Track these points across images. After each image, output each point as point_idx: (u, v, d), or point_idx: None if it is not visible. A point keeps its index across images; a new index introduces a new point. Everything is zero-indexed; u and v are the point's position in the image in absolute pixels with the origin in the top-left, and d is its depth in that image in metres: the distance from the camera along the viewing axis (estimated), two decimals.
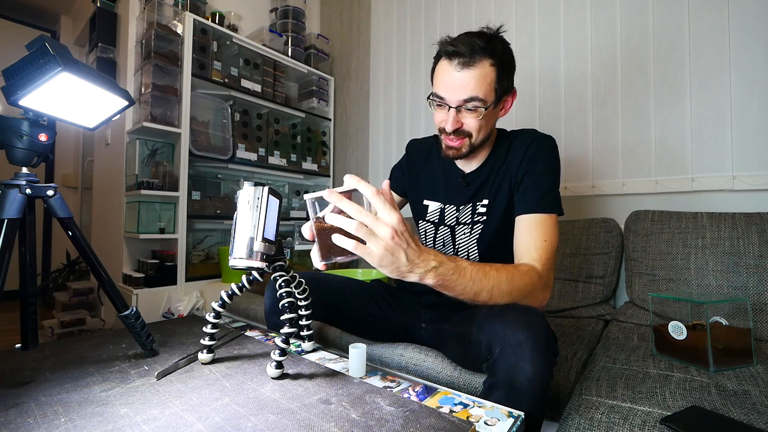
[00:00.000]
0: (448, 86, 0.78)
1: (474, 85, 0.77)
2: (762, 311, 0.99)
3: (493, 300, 0.67)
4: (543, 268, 0.73)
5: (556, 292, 1.35)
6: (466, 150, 0.83)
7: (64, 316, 1.98)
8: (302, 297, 0.81)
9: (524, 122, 1.65)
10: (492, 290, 0.66)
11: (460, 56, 0.77)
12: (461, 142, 0.82)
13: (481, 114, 0.79)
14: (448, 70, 0.78)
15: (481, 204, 0.88)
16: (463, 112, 0.80)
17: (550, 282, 0.75)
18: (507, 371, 0.62)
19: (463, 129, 0.81)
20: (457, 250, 0.92)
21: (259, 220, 0.65)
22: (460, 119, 0.80)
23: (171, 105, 1.73)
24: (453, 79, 0.78)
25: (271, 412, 0.55)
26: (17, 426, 0.51)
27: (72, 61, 0.60)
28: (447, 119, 0.80)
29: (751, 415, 0.60)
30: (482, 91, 0.77)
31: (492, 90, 0.79)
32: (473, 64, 0.77)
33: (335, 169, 2.51)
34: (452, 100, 0.78)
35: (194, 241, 1.97)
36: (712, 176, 1.25)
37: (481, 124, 0.81)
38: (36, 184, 0.66)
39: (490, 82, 0.78)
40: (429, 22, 2.02)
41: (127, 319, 0.75)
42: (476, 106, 0.78)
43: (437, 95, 0.80)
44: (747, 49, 1.20)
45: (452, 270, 0.63)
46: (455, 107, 0.79)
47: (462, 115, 0.80)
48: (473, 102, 0.78)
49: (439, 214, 0.94)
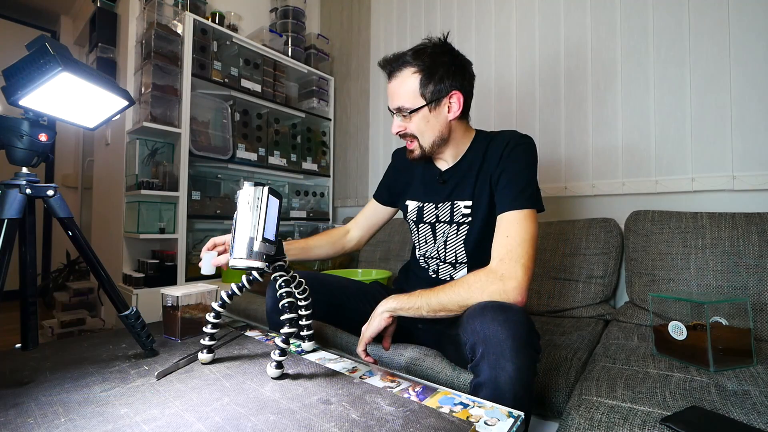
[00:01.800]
0: (388, 96, 0.90)
1: (398, 93, 0.87)
2: (762, 311, 0.99)
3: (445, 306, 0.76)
4: (497, 263, 0.77)
5: (556, 292, 1.35)
6: (419, 151, 0.91)
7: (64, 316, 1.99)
8: (302, 297, 0.81)
9: (524, 122, 1.65)
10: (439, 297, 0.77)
11: (386, 69, 0.89)
12: (413, 144, 0.91)
13: (410, 119, 0.87)
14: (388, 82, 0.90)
15: (464, 205, 0.91)
16: (402, 117, 0.89)
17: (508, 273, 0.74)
18: (489, 371, 0.63)
19: (407, 132, 0.89)
20: (446, 249, 0.95)
21: (259, 220, 0.65)
22: (402, 123, 0.89)
23: (171, 105, 1.73)
24: (389, 90, 0.90)
25: (271, 412, 0.55)
26: (17, 426, 0.51)
27: (72, 61, 0.60)
28: (394, 123, 0.90)
29: (751, 415, 0.60)
30: (405, 99, 0.86)
31: (416, 96, 0.86)
32: (395, 74, 0.87)
33: (335, 169, 2.51)
34: (391, 108, 0.90)
35: (194, 241, 1.97)
36: (712, 176, 1.25)
37: (420, 126, 0.88)
38: (36, 184, 0.66)
39: (413, 89, 0.86)
40: (429, 22, 2.02)
41: (127, 319, 0.75)
42: (404, 113, 0.87)
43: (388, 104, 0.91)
44: (747, 49, 1.20)
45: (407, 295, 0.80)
46: (393, 112, 0.89)
47: (401, 120, 0.89)
48: (400, 111, 0.88)
49: (417, 212, 1.00)
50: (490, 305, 0.69)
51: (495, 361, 0.62)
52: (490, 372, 0.63)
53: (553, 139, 1.57)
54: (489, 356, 0.63)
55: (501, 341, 0.63)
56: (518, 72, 1.69)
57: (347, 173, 2.45)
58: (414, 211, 1.00)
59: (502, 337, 0.63)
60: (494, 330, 0.64)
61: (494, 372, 0.62)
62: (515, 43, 1.70)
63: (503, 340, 0.62)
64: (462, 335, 0.70)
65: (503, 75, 1.73)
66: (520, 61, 1.68)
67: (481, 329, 0.65)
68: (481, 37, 1.81)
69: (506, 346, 0.62)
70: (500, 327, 0.63)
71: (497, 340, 0.63)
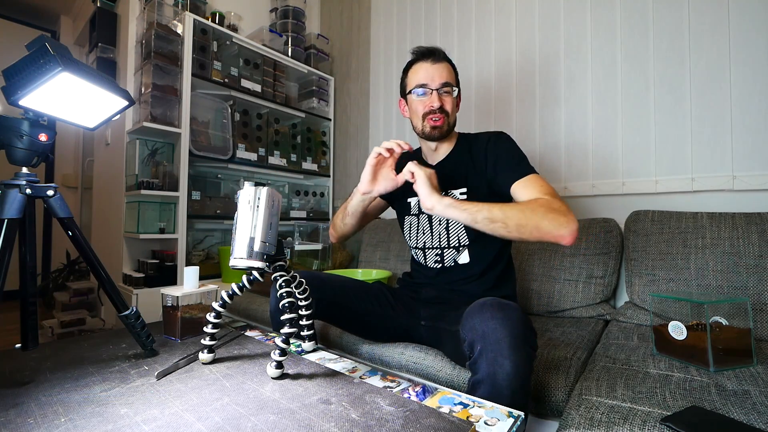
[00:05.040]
0: (428, 76, 0.99)
1: (446, 73, 1.00)
2: (762, 311, 0.99)
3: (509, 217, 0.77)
4: (551, 199, 0.80)
5: (556, 292, 1.35)
6: (446, 127, 1.01)
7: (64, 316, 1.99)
8: (302, 297, 0.81)
9: (524, 121, 1.65)
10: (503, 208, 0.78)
11: (433, 55, 1.01)
12: (443, 120, 1.00)
13: (455, 93, 1.01)
14: (425, 66, 1.00)
15: (459, 192, 1.00)
16: (442, 95, 0.99)
17: (565, 209, 0.78)
18: (487, 368, 0.64)
19: (444, 107, 1.00)
20: (449, 234, 1.00)
21: (259, 220, 0.65)
22: (441, 99, 0.99)
23: (171, 105, 1.73)
24: (432, 71, 1.00)
25: (271, 412, 0.55)
26: (17, 426, 0.51)
27: (72, 61, 0.60)
28: (433, 99, 0.99)
29: (751, 415, 0.60)
30: (452, 79, 1.01)
31: (455, 80, 1.03)
32: (441, 60, 1.01)
33: (335, 169, 2.51)
34: (434, 84, 0.99)
35: (194, 241, 1.97)
36: (712, 176, 1.25)
37: (453, 104, 1.02)
38: (36, 184, 0.66)
39: (453, 74, 1.03)
40: (429, 22, 2.02)
41: (127, 319, 0.75)
42: (450, 89, 1.00)
43: (419, 84, 1.00)
44: (747, 49, 1.20)
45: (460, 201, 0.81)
46: (436, 89, 0.98)
47: (442, 97, 0.99)
48: (448, 86, 1.00)
49: (418, 205, 1.06)
50: (488, 302, 0.70)
51: (493, 359, 0.63)
52: (488, 369, 0.63)
53: (553, 139, 1.57)
54: (487, 353, 0.64)
55: (499, 339, 0.63)
56: (518, 72, 1.69)
57: (347, 173, 2.45)
58: (416, 205, 1.07)
59: (500, 334, 0.63)
60: (492, 327, 0.64)
61: (492, 369, 0.63)
62: (515, 43, 1.70)
63: (501, 338, 0.63)
64: (461, 332, 0.71)
65: (503, 75, 1.73)
66: (520, 60, 1.68)
67: (480, 326, 0.66)
68: (481, 37, 1.81)
69: (504, 343, 0.63)
70: (498, 324, 0.64)
71: (495, 337, 0.64)
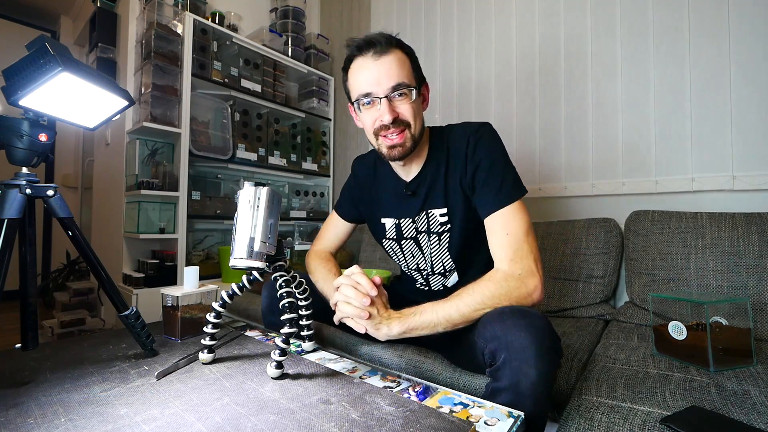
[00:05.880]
0: (371, 79, 0.76)
1: (397, 70, 0.76)
2: (762, 311, 0.99)
3: (468, 317, 0.70)
4: (509, 264, 0.72)
5: (556, 292, 1.35)
6: (410, 143, 0.80)
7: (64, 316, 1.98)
8: (302, 297, 0.81)
9: (524, 121, 1.65)
10: (460, 309, 0.70)
11: (374, 46, 0.76)
12: (403, 136, 0.79)
13: (412, 98, 0.78)
14: (366, 64, 0.77)
15: (439, 213, 0.86)
16: (395, 101, 0.77)
17: (525, 273, 0.71)
18: (512, 377, 0.61)
19: (400, 119, 0.78)
20: (433, 260, 0.91)
21: (259, 220, 0.65)
22: (394, 108, 0.77)
23: (171, 105, 1.73)
24: (375, 70, 0.76)
25: (271, 412, 0.55)
26: (17, 426, 0.51)
27: (72, 61, 0.60)
28: (382, 111, 0.77)
29: (751, 415, 0.60)
30: (405, 76, 0.77)
31: (413, 76, 0.79)
32: (388, 51, 0.76)
33: (335, 169, 2.51)
34: (381, 91, 0.76)
35: (194, 241, 1.97)
36: (712, 176, 1.25)
37: (415, 111, 0.79)
38: (36, 184, 0.66)
39: (409, 67, 0.78)
40: (429, 22, 2.02)
41: (127, 319, 0.75)
42: (405, 92, 0.77)
43: (362, 94, 0.78)
44: (747, 49, 1.20)
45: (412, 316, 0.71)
46: (385, 96, 0.76)
47: (394, 105, 0.77)
48: (401, 88, 0.76)
49: (395, 229, 0.93)
50: (508, 310, 0.67)
51: (518, 367, 0.60)
52: (512, 378, 0.61)
53: (553, 139, 1.57)
54: (511, 362, 0.61)
55: (524, 347, 0.60)
56: (518, 72, 1.69)
57: (347, 173, 2.44)
58: (393, 229, 0.94)
59: (525, 343, 0.61)
60: (516, 335, 0.61)
61: (516, 378, 0.60)
62: (515, 43, 1.70)
63: (527, 346, 0.60)
64: (478, 340, 0.68)
65: (503, 75, 1.73)
66: (520, 61, 1.68)
67: (503, 335, 0.63)
68: (482, 37, 1.81)
69: (530, 352, 0.60)
70: (523, 332, 0.61)
71: (520, 346, 0.61)
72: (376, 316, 0.71)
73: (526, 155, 1.65)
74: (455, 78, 1.90)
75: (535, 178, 1.62)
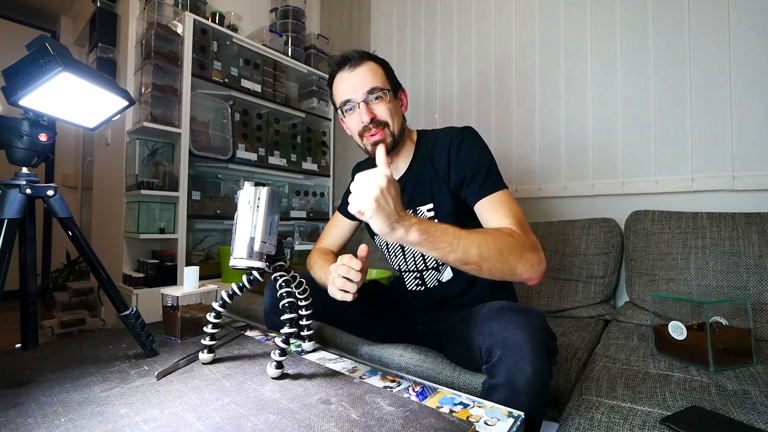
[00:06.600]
0: (349, 88, 0.86)
1: (370, 78, 0.86)
2: (762, 311, 0.99)
3: (484, 260, 0.64)
4: (521, 231, 0.71)
5: (556, 292, 1.35)
6: (390, 139, 0.87)
7: (64, 316, 1.98)
8: (302, 297, 0.81)
9: (524, 121, 1.65)
10: (481, 246, 0.64)
11: (350, 60, 0.87)
12: (383, 132, 0.86)
13: (387, 99, 0.86)
14: (344, 76, 0.87)
15: (426, 209, 0.89)
16: (371, 104, 0.86)
17: (537, 245, 0.71)
18: (507, 374, 0.62)
19: (378, 119, 0.86)
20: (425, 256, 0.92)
21: (259, 220, 0.65)
22: (371, 110, 0.85)
23: (171, 105, 1.73)
24: (352, 80, 0.86)
25: (271, 412, 0.55)
26: (17, 426, 0.51)
27: (72, 61, 0.60)
28: (361, 114, 0.85)
29: (751, 415, 0.60)
30: (378, 82, 0.86)
31: (386, 81, 0.88)
32: (361, 63, 0.87)
33: (335, 169, 2.51)
34: (358, 96, 0.85)
35: (194, 241, 1.97)
36: (712, 176, 1.25)
37: (391, 110, 0.86)
38: (36, 184, 0.66)
39: (382, 75, 0.88)
40: (429, 22, 2.02)
41: (127, 319, 0.75)
42: (380, 94, 0.86)
43: (344, 102, 0.87)
44: (747, 49, 1.20)
45: (434, 226, 0.63)
46: (363, 100, 0.85)
47: (371, 107, 0.86)
48: (376, 92, 0.85)
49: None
50: (506, 307, 0.68)
51: (513, 364, 0.62)
52: (507, 374, 0.62)
53: (553, 139, 1.57)
54: (507, 359, 0.62)
55: (520, 344, 0.62)
56: (518, 72, 1.69)
57: (347, 173, 2.44)
58: None
59: (521, 340, 0.62)
60: (512, 332, 0.63)
61: (512, 375, 0.62)
62: (515, 43, 1.70)
63: (522, 344, 0.62)
64: (476, 337, 0.69)
65: (503, 75, 1.73)
66: (520, 61, 1.68)
67: (499, 332, 0.64)
68: (481, 37, 1.81)
69: (525, 349, 0.61)
70: (519, 330, 0.63)
71: (516, 343, 0.62)
72: (393, 213, 0.58)
73: (525, 155, 1.65)
74: (455, 78, 1.90)
75: (535, 178, 1.62)
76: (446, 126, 0.94)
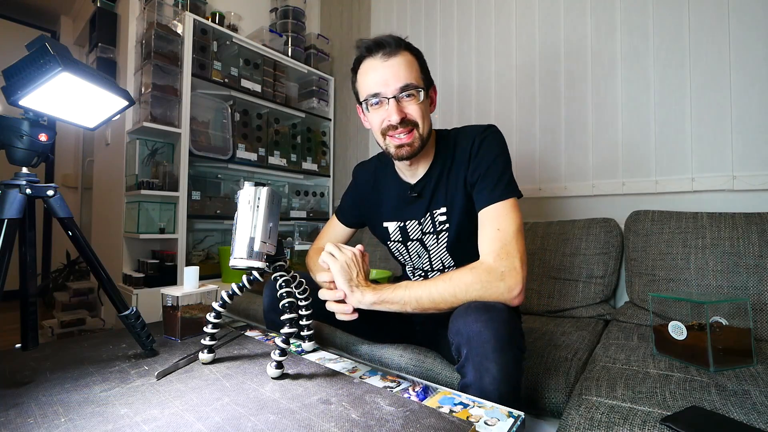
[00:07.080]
0: (380, 80, 0.78)
1: (405, 72, 0.77)
2: (762, 311, 0.99)
3: (439, 303, 0.71)
4: (494, 258, 0.71)
5: (556, 292, 1.34)
6: (418, 143, 0.81)
7: (64, 316, 1.98)
8: (302, 297, 0.81)
9: (524, 121, 1.65)
10: (432, 294, 0.70)
11: (384, 47, 0.77)
12: (412, 135, 0.80)
13: (420, 99, 0.79)
14: (374, 64, 0.78)
15: (439, 212, 0.87)
16: (403, 102, 0.78)
17: (509, 270, 0.70)
18: (474, 373, 0.62)
19: (408, 119, 0.79)
20: (432, 259, 0.92)
21: (259, 220, 0.65)
22: (402, 108, 0.78)
23: (171, 105, 1.73)
24: (384, 72, 0.77)
25: (271, 412, 0.55)
26: (17, 426, 0.51)
27: (72, 61, 0.60)
28: (390, 111, 0.78)
29: (751, 415, 0.60)
30: (414, 77, 0.78)
31: (420, 77, 0.80)
32: (397, 53, 0.78)
33: (335, 169, 2.51)
34: (389, 91, 0.77)
35: (194, 241, 1.97)
36: (712, 176, 1.25)
37: (423, 111, 0.80)
38: (36, 184, 0.66)
39: (417, 69, 0.80)
40: (429, 22, 2.02)
41: (127, 319, 0.75)
42: (413, 93, 0.78)
43: (371, 94, 0.79)
44: (747, 49, 1.20)
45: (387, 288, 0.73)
46: (393, 97, 0.77)
47: (402, 105, 0.78)
48: (409, 89, 0.77)
49: (400, 232, 0.93)
50: (474, 305, 0.67)
51: (479, 363, 0.61)
52: (474, 374, 0.62)
53: (553, 139, 1.57)
54: (473, 357, 0.62)
55: (484, 342, 0.61)
56: (518, 72, 1.69)
57: (347, 173, 2.44)
58: (396, 231, 0.94)
59: (484, 337, 0.61)
60: (477, 330, 0.62)
61: (479, 373, 0.61)
62: (515, 43, 1.70)
63: (486, 341, 0.61)
64: (448, 335, 0.69)
65: (503, 75, 1.73)
66: (520, 61, 1.68)
67: (465, 330, 0.63)
68: (481, 37, 1.81)
69: (489, 347, 0.61)
70: (483, 327, 0.62)
71: (480, 341, 0.62)
72: (353, 280, 0.72)
73: (526, 155, 1.65)
74: (455, 78, 1.90)
75: (535, 178, 1.62)
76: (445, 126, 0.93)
